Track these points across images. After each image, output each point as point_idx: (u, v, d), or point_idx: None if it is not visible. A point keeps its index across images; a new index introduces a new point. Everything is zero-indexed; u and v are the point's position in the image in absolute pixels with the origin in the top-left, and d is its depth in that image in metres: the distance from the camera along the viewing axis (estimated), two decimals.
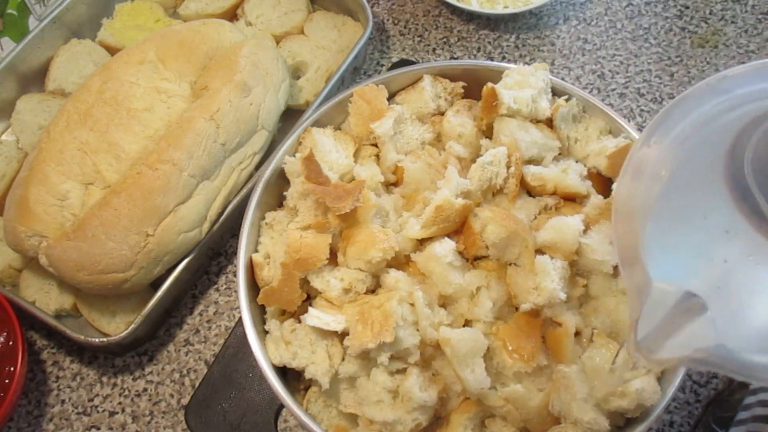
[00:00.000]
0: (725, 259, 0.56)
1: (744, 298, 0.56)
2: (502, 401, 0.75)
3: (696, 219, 0.57)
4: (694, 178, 0.59)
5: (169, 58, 1.01)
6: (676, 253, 0.59)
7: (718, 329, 0.54)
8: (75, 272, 0.89)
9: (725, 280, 0.56)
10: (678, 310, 0.56)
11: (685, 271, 0.58)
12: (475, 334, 0.74)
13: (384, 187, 0.89)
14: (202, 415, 0.93)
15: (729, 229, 0.55)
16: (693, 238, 0.58)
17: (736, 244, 0.55)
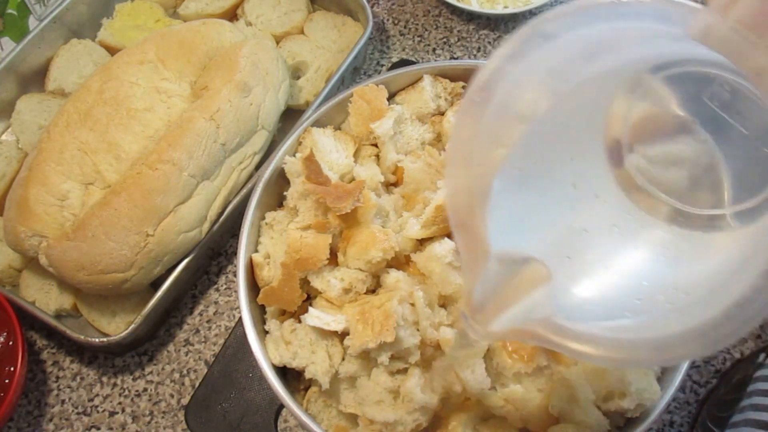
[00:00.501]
0: (585, 228, 0.52)
1: (591, 269, 0.52)
2: (502, 401, 0.76)
3: (560, 186, 0.52)
4: (564, 131, 0.52)
5: (169, 58, 1.01)
6: (526, 217, 0.54)
7: (559, 301, 0.50)
8: (75, 272, 0.89)
9: (578, 249, 0.52)
10: (519, 279, 0.50)
11: (535, 237, 0.53)
12: None
13: (384, 187, 0.89)
14: (202, 415, 0.93)
15: (599, 194, 0.51)
16: (550, 201, 0.53)
17: (603, 212, 0.51)
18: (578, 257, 0.53)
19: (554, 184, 0.53)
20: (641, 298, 0.51)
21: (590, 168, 0.52)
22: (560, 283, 0.51)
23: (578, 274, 0.52)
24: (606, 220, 0.52)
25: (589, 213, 0.52)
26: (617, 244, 0.52)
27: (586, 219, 0.52)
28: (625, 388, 0.72)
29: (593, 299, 0.52)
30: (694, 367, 0.97)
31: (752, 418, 0.78)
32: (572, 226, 0.52)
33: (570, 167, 0.53)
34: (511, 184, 0.52)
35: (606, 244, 0.52)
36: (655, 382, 0.74)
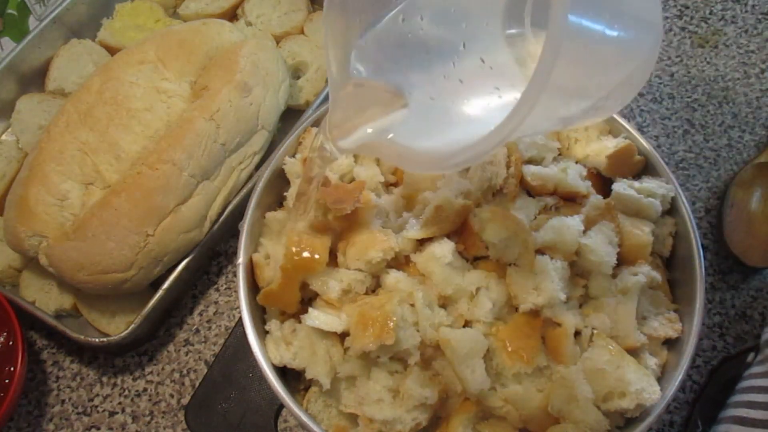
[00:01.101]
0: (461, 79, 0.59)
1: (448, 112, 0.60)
2: (501, 402, 0.76)
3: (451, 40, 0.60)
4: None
5: (169, 58, 1.01)
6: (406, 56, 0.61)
7: (405, 127, 0.58)
8: (75, 272, 0.89)
9: (446, 94, 0.59)
10: (377, 104, 0.59)
11: (407, 75, 0.61)
12: (475, 335, 0.74)
13: (384, 187, 0.89)
14: (202, 415, 0.93)
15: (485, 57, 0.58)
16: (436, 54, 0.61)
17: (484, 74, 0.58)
18: (441, 101, 0.60)
19: (444, 38, 0.61)
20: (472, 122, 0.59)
21: (483, 32, 0.59)
22: (414, 114, 0.59)
23: (434, 113, 0.60)
24: (486, 81, 0.59)
25: (471, 71, 0.59)
26: (489, 99, 0.58)
27: (465, 74, 0.59)
28: (625, 388, 0.72)
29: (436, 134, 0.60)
30: (694, 367, 0.97)
31: (733, 415, 0.79)
32: (451, 75, 0.59)
33: (464, 28, 0.60)
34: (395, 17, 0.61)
35: (475, 98, 0.59)
36: (655, 382, 0.74)
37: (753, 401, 0.77)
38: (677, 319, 0.80)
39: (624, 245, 0.80)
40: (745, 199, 1.06)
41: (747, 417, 0.75)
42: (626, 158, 0.87)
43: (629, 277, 0.78)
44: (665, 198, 0.84)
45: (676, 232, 0.85)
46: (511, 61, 0.57)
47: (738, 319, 1.01)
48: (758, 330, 1.00)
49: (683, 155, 1.15)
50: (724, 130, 1.17)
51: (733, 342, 0.99)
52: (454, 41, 0.60)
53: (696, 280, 0.80)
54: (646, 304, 0.80)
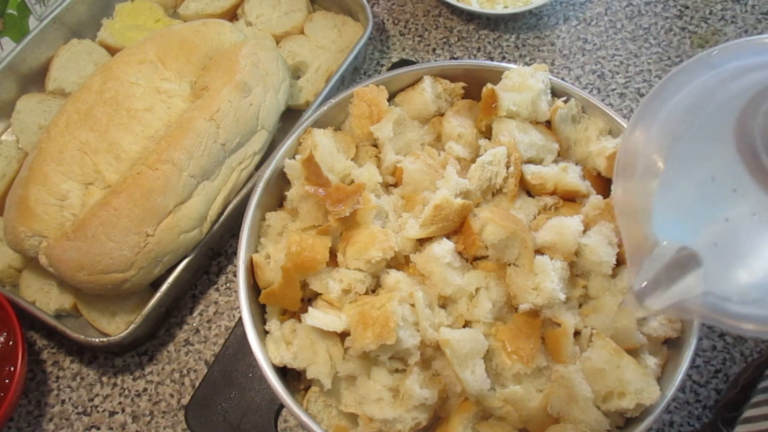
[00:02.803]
0: (727, 218, 0.61)
1: (738, 254, 0.61)
2: (501, 402, 0.76)
3: (703, 182, 0.63)
4: (699, 147, 0.64)
5: (169, 58, 1.01)
6: (680, 214, 0.65)
7: (709, 282, 0.60)
8: (75, 272, 0.89)
9: (724, 237, 0.61)
10: (674, 265, 0.62)
11: (687, 230, 0.64)
12: (475, 335, 0.75)
13: (383, 188, 0.89)
14: (202, 415, 0.93)
15: (737, 188, 0.60)
16: (697, 200, 0.64)
17: (741, 204, 0.60)
18: (724, 243, 0.62)
19: (697, 187, 0.64)
20: None
21: (726, 166, 0.61)
22: (710, 266, 0.61)
23: (726, 258, 0.62)
24: (745, 211, 0.60)
25: (729, 207, 0.61)
26: (758, 230, 0.60)
27: (727, 211, 0.61)
28: (624, 388, 0.72)
29: (745, 281, 0.62)
30: (694, 367, 0.97)
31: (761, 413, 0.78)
32: (716, 218, 0.62)
33: (708, 166, 0.63)
34: (667, 195, 0.65)
35: (747, 231, 0.61)
36: (654, 382, 0.74)
37: None
38: (677, 319, 0.80)
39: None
40: None
41: None
42: None
43: None
44: None
45: None
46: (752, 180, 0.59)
47: None
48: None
49: None
50: None
51: (733, 342, 0.99)
52: (703, 177, 0.63)
53: None
54: None
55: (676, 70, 0.63)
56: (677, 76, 0.63)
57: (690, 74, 0.63)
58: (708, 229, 0.62)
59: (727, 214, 0.61)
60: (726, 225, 0.61)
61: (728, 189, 0.61)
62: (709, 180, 0.63)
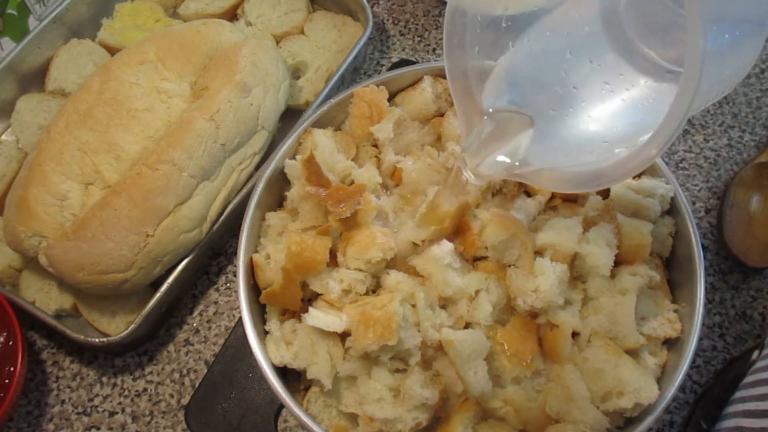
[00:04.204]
0: (575, 86, 0.65)
1: (576, 118, 0.65)
2: (500, 403, 0.76)
3: (557, 54, 0.66)
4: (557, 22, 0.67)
5: (169, 58, 1.01)
6: (519, 83, 0.69)
7: (537, 144, 0.65)
8: (75, 272, 0.89)
9: (564, 104, 0.65)
10: (503, 129, 0.66)
11: (525, 97, 0.68)
12: (477, 336, 0.75)
13: (383, 188, 0.89)
14: (202, 415, 0.93)
15: (593, 59, 0.64)
16: (544, 70, 0.68)
17: (595, 75, 0.64)
18: (561, 111, 0.65)
19: (552, 54, 0.67)
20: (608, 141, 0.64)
21: (586, 40, 0.65)
22: (541, 130, 0.65)
23: (558, 124, 0.66)
24: (597, 79, 0.64)
25: (582, 75, 0.64)
26: (603, 98, 0.64)
27: (577, 79, 0.65)
28: (623, 388, 0.72)
29: (565, 145, 0.66)
30: (694, 367, 0.97)
31: (742, 409, 0.79)
32: (565, 84, 0.65)
33: (567, 39, 0.66)
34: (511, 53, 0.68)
35: (590, 100, 0.64)
36: (653, 381, 0.74)
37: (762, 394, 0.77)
38: (677, 319, 0.80)
39: (623, 245, 0.80)
40: (745, 199, 1.06)
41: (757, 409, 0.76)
42: None
43: (628, 278, 0.78)
44: (664, 198, 0.84)
45: (676, 232, 0.85)
46: (614, 55, 0.63)
47: (738, 319, 1.01)
48: (758, 330, 1.00)
49: (683, 155, 1.15)
50: (724, 130, 1.17)
51: (733, 342, 0.99)
52: (561, 50, 0.66)
53: (696, 280, 0.80)
54: (645, 304, 0.80)
55: None
56: None
57: None
58: (548, 97, 0.66)
59: (577, 83, 0.64)
60: (571, 93, 0.65)
61: (585, 61, 0.64)
62: (566, 53, 0.66)
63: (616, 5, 0.62)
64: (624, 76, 0.63)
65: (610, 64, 0.63)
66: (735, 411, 0.80)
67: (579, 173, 0.60)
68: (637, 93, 0.63)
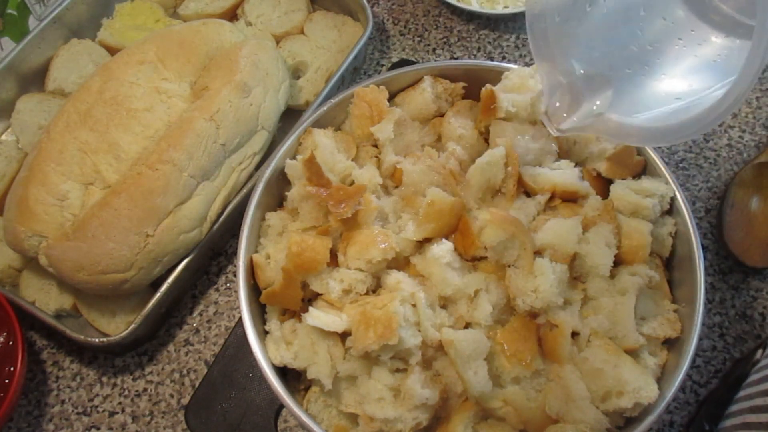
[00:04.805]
0: (650, 44, 0.68)
1: (651, 76, 0.68)
2: (500, 403, 0.76)
3: (631, 16, 0.68)
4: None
5: (169, 58, 1.01)
6: (600, 38, 0.71)
7: (615, 102, 0.68)
8: (75, 272, 0.89)
9: (640, 62, 0.68)
10: (585, 87, 0.70)
11: (602, 60, 0.70)
12: (477, 336, 0.75)
13: (383, 189, 0.89)
14: (202, 415, 0.93)
15: (666, 16, 0.66)
16: (619, 32, 0.70)
17: (669, 32, 0.66)
18: (638, 69, 0.68)
19: (626, 13, 0.69)
20: (683, 96, 0.66)
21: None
22: (618, 89, 0.67)
23: (634, 83, 0.68)
24: (671, 36, 0.65)
25: (656, 32, 0.66)
26: (677, 55, 0.66)
27: (652, 38, 0.67)
28: (622, 387, 0.72)
29: (641, 102, 0.68)
30: (694, 367, 0.97)
31: (749, 406, 0.79)
32: (640, 43, 0.67)
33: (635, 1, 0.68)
34: (589, 15, 0.71)
35: (665, 58, 0.67)
36: (653, 381, 0.74)
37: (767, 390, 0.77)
38: (677, 319, 0.80)
39: (622, 245, 0.80)
40: (745, 199, 1.06)
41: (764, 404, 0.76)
42: (626, 159, 0.87)
43: (627, 278, 0.78)
44: (664, 198, 0.84)
45: (676, 232, 0.85)
46: (686, 11, 0.65)
47: (738, 319, 1.01)
48: (758, 330, 1.00)
49: (683, 155, 1.15)
50: (724, 130, 1.17)
51: (733, 342, 0.99)
52: (635, 8, 0.68)
53: (696, 280, 0.80)
54: (645, 304, 0.80)
55: None
56: None
57: None
58: (624, 56, 0.68)
59: (653, 41, 0.66)
60: (648, 51, 0.67)
61: (658, 18, 0.66)
62: (640, 10, 0.67)
63: None
64: (696, 32, 0.64)
65: (682, 21, 0.65)
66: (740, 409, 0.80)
67: (659, 127, 0.63)
68: (709, 50, 0.65)
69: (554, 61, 0.73)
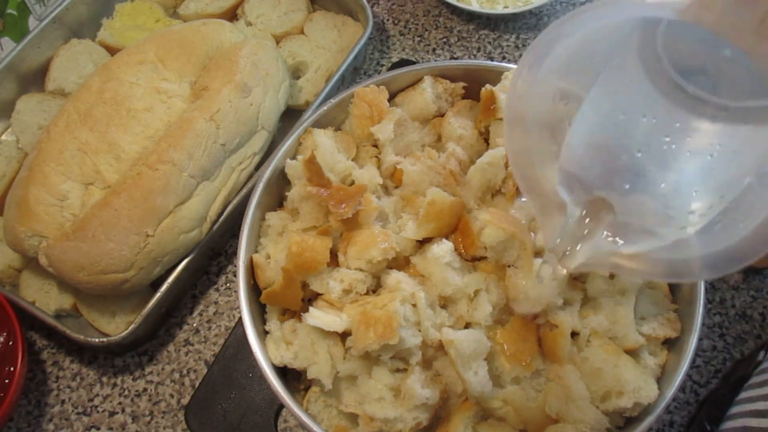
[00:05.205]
0: (639, 150, 0.59)
1: (654, 195, 0.60)
2: (500, 403, 0.76)
3: (611, 121, 0.60)
4: (603, 87, 0.60)
5: (169, 58, 1.01)
6: (589, 159, 0.63)
7: (621, 225, 0.60)
8: (75, 272, 0.89)
9: (636, 174, 0.60)
10: (585, 218, 0.61)
11: (597, 174, 0.62)
12: (478, 336, 0.75)
13: (383, 189, 0.89)
14: (202, 415, 0.93)
15: (646, 113, 0.58)
16: (606, 140, 0.61)
17: (655, 131, 0.58)
18: (634, 182, 0.60)
19: (607, 121, 0.61)
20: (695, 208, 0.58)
21: (633, 94, 0.59)
22: (621, 209, 0.60)
23: (635, 199, 0.60)
24: (657, 135, 0.58)
25: (641, 135, 0.59)
26: (669, 156, 0.58)
27: (638, 142, 0.59)
28: (622, 387, 0.72)
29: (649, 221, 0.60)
30: (694, 367, 0.97)
31: (750, 409, 0.78)
32: (629, 151, 0.60)
33: (615, 99, 0.61)
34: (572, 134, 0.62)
35: (658, 162, 0.59)
36: (652, 381, 0.74)
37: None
38: (677, 319, 0.80)
39: None
40: None
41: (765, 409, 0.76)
42: None
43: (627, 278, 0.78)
44: None
45: None
46: (664, 103, 0.57)
47: (738, 319, 1.01)
48: (758, 330, 1.00)
49: None
50: None
51: (733, 342, 0.99)
52: (614, 114, 0.60)
53: None
54: (645, 304, 0.80)
55: (560, 20, 0.56)
56: (561, 25, 0.56)
57: (571, 24, 0.56)
58: (616, 170, 0.60)
59: (640, 146, 0.59)
60: (638, 160, 0.59)
61: (639, 118, 0.58)
62: (619, 115, 0.60)
63: (653, 47, 0.56)
64: (681, 125, 0.57)
65: (662, 115, 0.57)
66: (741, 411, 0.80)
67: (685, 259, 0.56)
68: (701, 141, 0.57)
69: (547, 194, 0.63)
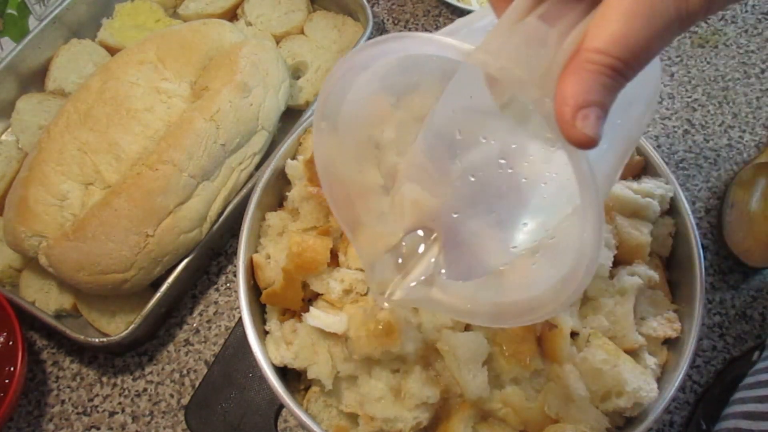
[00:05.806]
0: (472, 174, 0.54)
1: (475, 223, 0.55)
2: (499, 404, 0.76)
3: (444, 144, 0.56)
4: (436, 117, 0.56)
5: (169, 58, 1.01)
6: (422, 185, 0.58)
7: (448, 262, 0.55)
8: (75, 272, 0.90)
9: (465, 200, 0.55)
10: (411, 252, 0.56)
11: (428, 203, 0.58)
12: (477, 339, 0.74)
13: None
14: (202, 415, 0.93)
15: (486, 136, 0.53)
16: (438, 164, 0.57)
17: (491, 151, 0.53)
18: (465, 211, 0.55)
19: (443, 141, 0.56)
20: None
21: (471, 112, 0.54)
22: (448, 242, 0.55)
23: (463, 231, 0.56)
24: (493, 158, 0.53)
25: (477, 157, 0.54)
26: (503, 183, 0.53)
27: (472, 165, 0.54)
28: (622, 387, 0.72)
29: (475, 257, 0.56)
30: (694, 367, 0.97)
31: (741, 410, 0.79)
32: (462, 175, 0.54)
33: (453, 117, 0.56)
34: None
35: (490, 188, 0.54)
36: (653, 381, 0.74)
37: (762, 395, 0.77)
38: (677, 319, 0.80)
39: (622, 246, 0.80)
40: (745, 199, 1.06)
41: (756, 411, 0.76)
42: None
43: (626, 278, 0.78)
44: (663, 198, 0.84)
45: (676, 232, 0.85)
46: (503, 123, 0.51)
47: (738, 319, 1.01)
48: (758, 330, 1.00)
49: (683, 155, 1.15)
50: (724, 130, 1.17)
51: (733, 342, 0.99)
52: (450, 134, 0.55)
53: (696, 280, 0.80)
54: (645, 304, 0.80)
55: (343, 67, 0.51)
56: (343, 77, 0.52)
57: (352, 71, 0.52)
58: (446, 197, 0.56)
59: (474, 170, 0.53)
60: (471, 184, 0.54)
61: (477, 139, 0.53)
62: (456, 134, 0.55)
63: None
64: (517, 146, 0.51)
65: (501, 135, 0.52)
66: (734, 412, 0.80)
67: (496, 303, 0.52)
68: (537, 169, 0.52)
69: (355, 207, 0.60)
